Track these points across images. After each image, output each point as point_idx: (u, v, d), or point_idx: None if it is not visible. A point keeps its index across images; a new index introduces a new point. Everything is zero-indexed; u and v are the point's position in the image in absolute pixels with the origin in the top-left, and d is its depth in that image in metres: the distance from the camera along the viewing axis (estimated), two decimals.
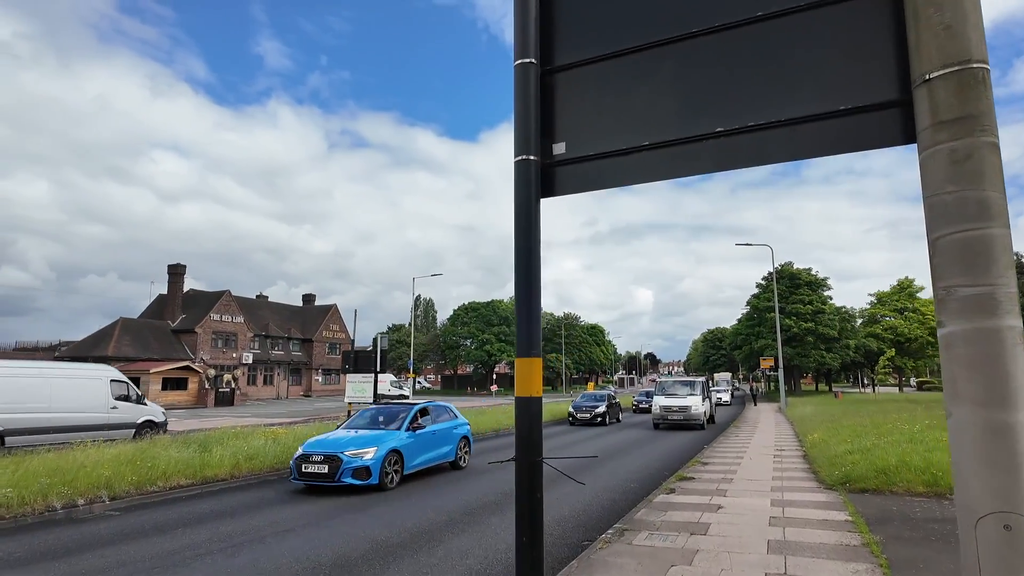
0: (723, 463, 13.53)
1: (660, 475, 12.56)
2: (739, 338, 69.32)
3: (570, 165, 2.96)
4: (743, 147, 2.58)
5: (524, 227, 2.86)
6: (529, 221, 2.86)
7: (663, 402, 24.65)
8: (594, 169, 2.91)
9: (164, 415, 18.64)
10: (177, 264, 53.65)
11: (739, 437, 20.04)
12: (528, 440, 2.70)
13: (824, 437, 15.54)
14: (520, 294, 2.80)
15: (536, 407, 2.74)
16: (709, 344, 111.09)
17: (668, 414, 24.15)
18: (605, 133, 2.85)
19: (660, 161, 2.74)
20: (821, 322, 59.51)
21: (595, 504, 9.73)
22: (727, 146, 2.61)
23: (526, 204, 2.88)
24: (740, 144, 2.59)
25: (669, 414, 24.12)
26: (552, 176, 3.00)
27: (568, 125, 2.97)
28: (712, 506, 8.85)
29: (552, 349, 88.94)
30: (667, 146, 2.71)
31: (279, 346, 60.54)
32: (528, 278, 2.80)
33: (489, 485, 11.47)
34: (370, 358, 17.51)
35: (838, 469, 10.85)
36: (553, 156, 2.98)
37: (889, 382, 76.29)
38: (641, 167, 2.79)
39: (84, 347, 44.94)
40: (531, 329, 2.77)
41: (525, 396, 2.73)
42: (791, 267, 63.79)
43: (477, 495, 10.49)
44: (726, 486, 10.53)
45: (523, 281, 2.81)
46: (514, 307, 2.82)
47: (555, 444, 18.23)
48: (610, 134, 2.84)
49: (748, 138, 2.57)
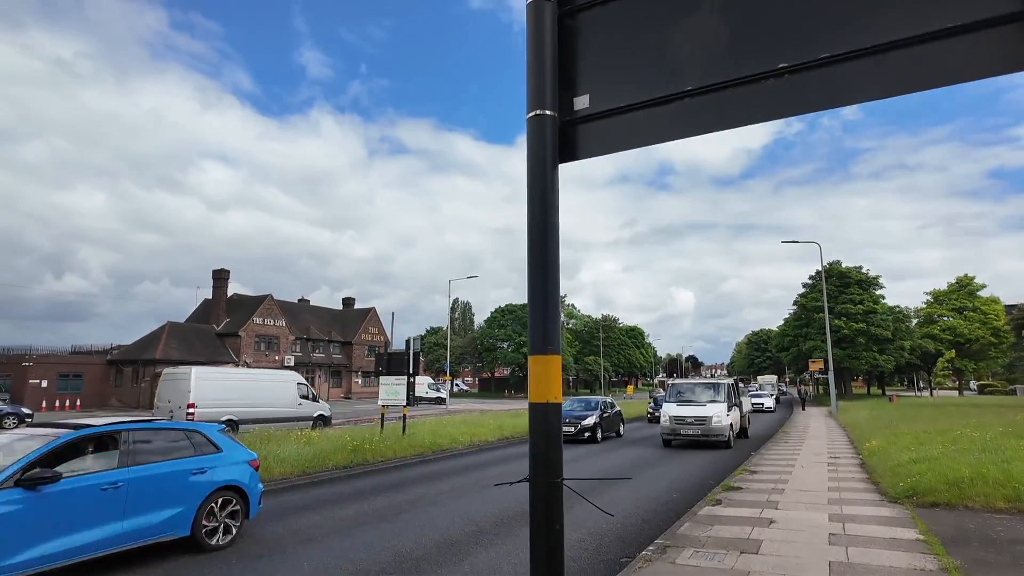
0: (773, 472, 12.69)
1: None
2: (786, 340, 66.96)
3: (595, 121, 2.45)
4: (812, 86, 2.03)
5: (539, 198, 2.36)
6: (544, 191, 2.36)
7: (674, 411, 18.71)
8: (624, 125, 2.38)
9: (329, 411, 23.63)
10: (221, 269, 55.01)
11: (788, 443, 18.99)
12: (545, 456, 2.19)
13: (883, 444, 14.47)
14: (534, 279, 2.30)
15: (554, 415, 2.23)
16: (753, 346, 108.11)
17: (680, 427, 18.39)
18: (638, 79, 2.33)
19: (706, 110, 2.20)
20: (873, 322, 56.87)
21: (635, 516, 9.12)
22: (792, 86, 2.06)
23: (540, 170, 2.37)
24: (808, 83, 2.03)
25: (682, 427, 18.37)
26: (573, 136, 2.49)
27: (593, 73, 2.45)
28: (763, 520, 8.14)
29: (590, 351, 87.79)
30: (715, 90, 2.17)
31: (320, 349, 61.42)
32: (543, 260, 2.30)
33: None
34: (403, 360, 17.23)
35: (902, 480, 9.94)
36: (575, 112, 2.47)
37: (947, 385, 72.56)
38: (683, 119, 2.25)
39: (134, 351, 46.40)
40: (547, 321, 2.27)
41: (541, 402, 2.23)
42: (840, 265, 61.25)
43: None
44: (777, 497, 9.76)
45: (538, 264, 2.31)
46: (527, 295, 2.32)
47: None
48: (644, 80, 2.31)
49: (819, 75, 2.02)
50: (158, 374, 43.52)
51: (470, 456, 16.80)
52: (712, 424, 17.96)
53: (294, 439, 14.36)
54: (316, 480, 12.60)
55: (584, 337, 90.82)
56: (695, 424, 18.23)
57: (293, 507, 9.94)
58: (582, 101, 2.46)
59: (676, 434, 18.62)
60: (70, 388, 42.82)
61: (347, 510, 9.67)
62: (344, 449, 14.14)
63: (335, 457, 13.61)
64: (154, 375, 43.61)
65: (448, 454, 17.19)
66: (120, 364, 45.71)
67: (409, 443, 16.49)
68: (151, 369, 43.85)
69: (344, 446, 14.29)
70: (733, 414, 19.27)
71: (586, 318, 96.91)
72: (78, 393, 42.98)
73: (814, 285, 60.91)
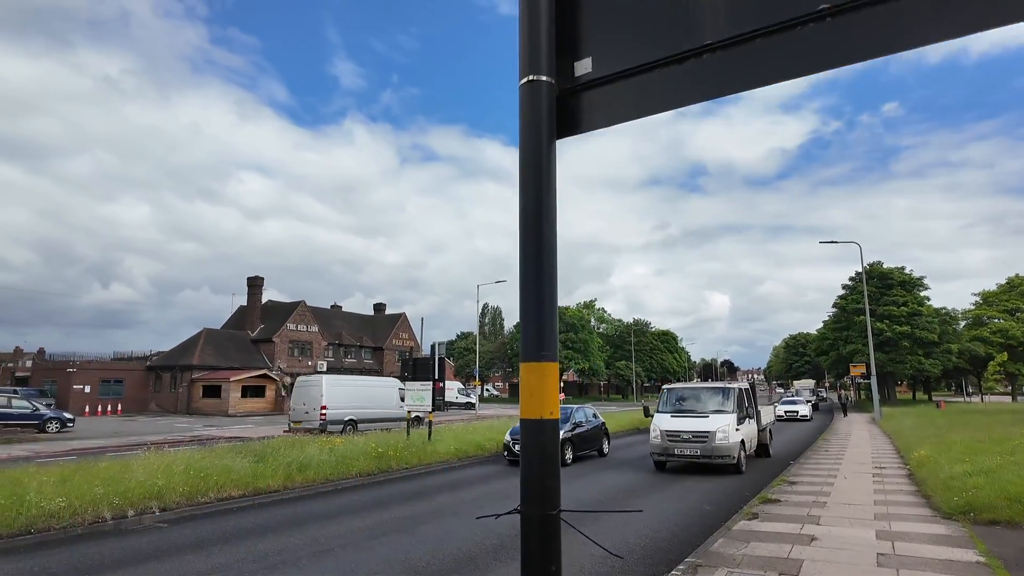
0: (813, 483, 12.01)
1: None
2: (825, 343, 64.94)
3: (600, 88, 2.09)
4: (863, 29, 1.64)
5: (533, 178, 2.02)
6: (540, 170, 2.02)
7: (668, 424, 14.76)
8: (634, 90, 2.02)
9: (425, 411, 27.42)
10: (256, 277, 55.99)
11: (829, 452, 18.13)
12: (539, 484, 1.84)
13: (932, 454, 13.61)
14: (527, 273, 1.96)
15: (551, 434, 1.88)
16: (791, 350, 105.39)
17: (675, 445, 14.41)
18: (649, 36, 1.96)
19: (731, 67, 1.83)
20: (918, 325, 54.65)
21: (665, 529, 8.65)
22: (837, 31, 1.67)
23: (535, 146, 2.03)
24: (858, 24, 1.64)
25: (677, 445, 14.39)
26: (575, 106, 2.14)
27: (596, 32, 2.10)
28: (803, 537, 7.59)
29: (622, 356, 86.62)
30: (741, 42, 1.80)
31: (352, 354, 61.94)
32: (538, 250, 1.96)
33: None
34: (428, 365, 17.00)
35: (957, 494, 9.23)
36: (576, 79, 2.12)
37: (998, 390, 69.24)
38: (703, 78, 1.88)
39: (172, 356, 47.46)
40: (543, 322, 1.92)
41: (535, 418, 1.88)
42: (881, 266, 59.10)
43: None
44: (819, 511, 9.16)
45: (531, 255, 1.97)
46: (518, 292, 1.97)
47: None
48: (656, 36, 1.95)
49: (868, 14, 1.63)
50: (195, 379, 44.52)
51: (495, 464, 16.45)
52: (716, 441, 13.98)
53: (318, 445, 14.23)
54: (340, 487, 12.43)
55: (615, 342, 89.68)
56: (694, 442, 14.22)
57: (314, 516, 9.75)
58: (584, 65, 2.11)
59: (670, 454, 14.57)
60: (111, 393, 43.97)
61: (367, 520, 9.44)
62: (369, 456, 13.95)
63: (359, 464, 13.43)
64: (191, 380, 44.56)
65: (474, 461, 16.88)
66: (159, 370, 46.79)
67: (434, 450, 16.23)
68: (188, 374, 44.78)
69: (369, 452, 14.11)
70: (746, 428, 15.16)
71: (617, 322, 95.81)
72: (119, 398, 44.10)
73: (854, 287, 58.89)
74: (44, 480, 9.60)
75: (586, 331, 77.04)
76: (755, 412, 16.56)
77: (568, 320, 74.93)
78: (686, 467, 15.04)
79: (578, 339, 74.55)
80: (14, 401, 26.92)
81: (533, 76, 2.05)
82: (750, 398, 16.41)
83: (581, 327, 76.20)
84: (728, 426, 14.25)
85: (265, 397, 46.01)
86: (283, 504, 10.78)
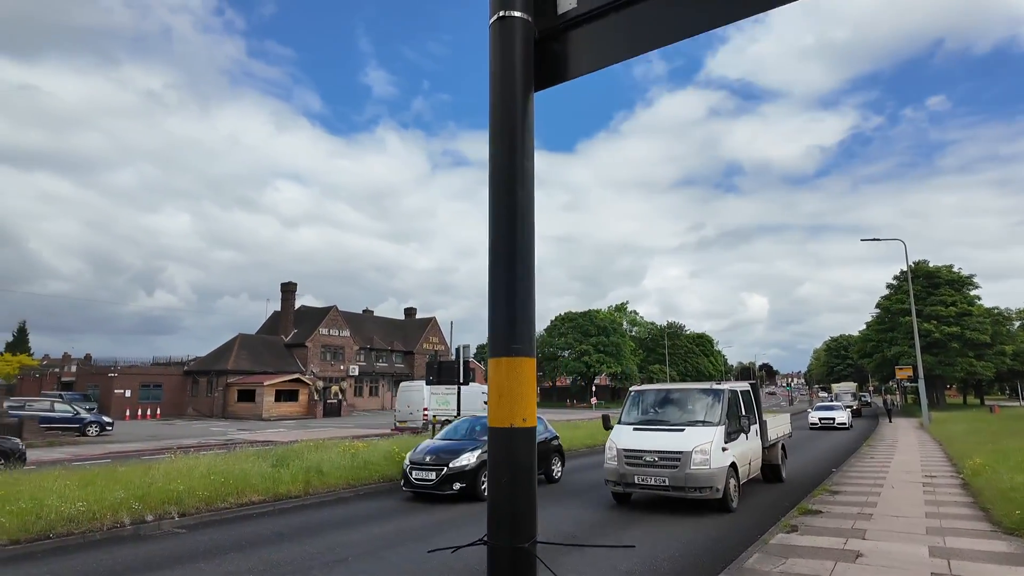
0: (858, 492, 11.29)
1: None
2: (868, 345, 62.51)
3: (587, 25, 1.74)
4: None
5: (506, 134, 1.67)
6: (514, 124, 1.67)
7: (628, 441, 10.77)
8: (627, 23, 1.66)
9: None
10: (289, 282, 56.80)
11: (874, 459, 17.21)
12: (509, 509, 1.48)
13: (989, 462, 12.69)
14: (498, 249, 1.61)
15: (524, 445, 1.52)
16: (832, 353, 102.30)
17: (635, 471, 10.34)
18: None
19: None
20: (968, 325, 52.12)
21: (698, 541, 8.14)
22: None
23: (508, 97, 1.68)
24: None
25: (637, 471, 10.32)
26: (561, 50, 1.79)
27: None
28: (848, 553, 7.00)
29: (655, 360, 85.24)
30: None
31: (383, 358, 62.32)
32: (511, 224, 1.61)
33: None
34: (453, 368, 16.72)
35: (1019, 507, 8.46)
36: (558, 17, 1.77)
37: None
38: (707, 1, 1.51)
39: (207, 361, 48.42)
40: (514, 308, 1.57)
41: (503, 427, 1.52)
42: (927, 265, 56.67)
43: None
44: (864, 524, 8.52)
45: (503, 229, 1.62)
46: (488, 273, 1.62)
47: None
48: None
49: None
50: (230, 384, 45.30)
51: None
52: (692, 467, 9.81)
53: (339, 450, 14.07)
54: (360, 493, 12.25)
55: (648, 345, 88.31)
56: (661, 466, 10.07)
57: (331, 522, 9.55)
58: (568, 1, 1.76)
59: (628, 483, 10.42)
60: (151, 397, 45.07)
61: (386, 527, 9.18)
62: (392, 460, 13.73)
63: (380, 468, 13.23)
64: (226, 384, 45.36)
65: None
66: (196, 375, 47.77)
67: None
68: (223, 379, 45.59)
69: (392, 457, 13.89)
70: (740, 446, 10.96)
71: (650, 325, 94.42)
72: (158, 402, 45.17)
73: (899, 286, 56.61)
74: (67, 484, 9.61)
75: (618, 334, 76.02)
76: (758, 423, 12.40)
77: (599, 323, 74.08)
78: (653, 501, 11.03)
79: (610, 342, 73.56)
80: (57, 405, 27.72)
81: (505, 12, 1.70)
82: (751, 403, 12.14)
83: (613, 330, 75.22)
84: (710, 444, 9.98)
85: (298, 401, 46.52)
86: (302, 510, 10.60)
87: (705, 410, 11.02)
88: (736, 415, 11.14)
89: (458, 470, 11.25)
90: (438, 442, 12.63)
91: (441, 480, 11.19)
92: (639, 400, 12.09)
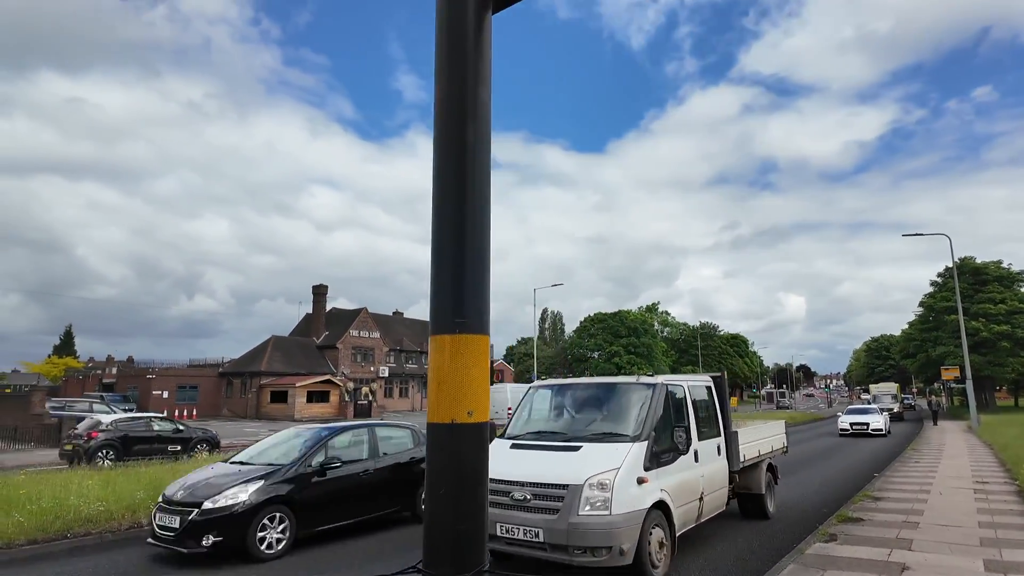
0: (902, 499, 10.60)
1: None
2: (911, 345, 60.09)
3: None
4: None
5: (456, 58, 1.35)
6: (464, 46, 1.35)
7: (498, 467, 6.15)
8: None
9: None
10: (320, 285, 57.51)
11: (920, 464, 16.32)
12: (451, 528, 1.16)
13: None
14: (443, 207, 1.33)
15: (471, 446, 1.20)
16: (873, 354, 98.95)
17: (500, 516, 6.11)
18: None
19: None
20: (1019, 324, 49.64)
21: (722, 548, 7.67)
22: None
23: (459, 13, 1.36)
24: None
25: (501, 516, 6.12)
26: None
27: None
28: (892, 565, 6.46)
29: (688, 361, 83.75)
30: None
31: (413, 360, 62.61)
32: (458, 164, 1.30)
33: None
34: None
35: None
36: None
37: None
38: None
39: (241, 363, 49.29)
40: (462, 277, 1.28)
41: (444, 423, 1.20)
42: (973, 261, 54.23)
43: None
44: (910, 533, 7.92)
45: (450, 171, 1.31)
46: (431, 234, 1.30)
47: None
48: None
49: None
50: (263, 385, 45.98)
51: None
52: (581, 512, 5.83)
53: None
54: None
55: (681, 346, 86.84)
56: (533, 509, 6.09)
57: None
58: None
59: (490, 535, 4.08)
60: (187, 399, 46.06)
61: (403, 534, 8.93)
62: None
63: None
64: (259, 386, 46.06)
65: None
66: (230, 376, 48.66)
67: None
68: (257, 380, 46.31)
69: None
70: (678, 473, 6.87)
71: (682, 326, 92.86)
72: (194, 403, 46.13)
73: (944, 283, 54.34)
74: (89, 484, 9.64)
75: (649, 335, 74.92)
76: (723, 435, 8.36)
77: (630, 324, 73.09)
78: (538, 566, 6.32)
79: (641, 343, 72.52)
80: (95, 406, 28.49)
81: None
82: (711, 407, 8.27)
83: (644, 331, 74.15)
84: (614, 473, 6.00)
85: (329, 402, 46.96)
86: None
87: (619, 417, 7.12)
88: (672, 425, 6.97)
89: (216, 514, 7.05)
90: (217, 468, 8.45)
91: (186, 529, 7.02)
92: (533, 401, 8.07)
